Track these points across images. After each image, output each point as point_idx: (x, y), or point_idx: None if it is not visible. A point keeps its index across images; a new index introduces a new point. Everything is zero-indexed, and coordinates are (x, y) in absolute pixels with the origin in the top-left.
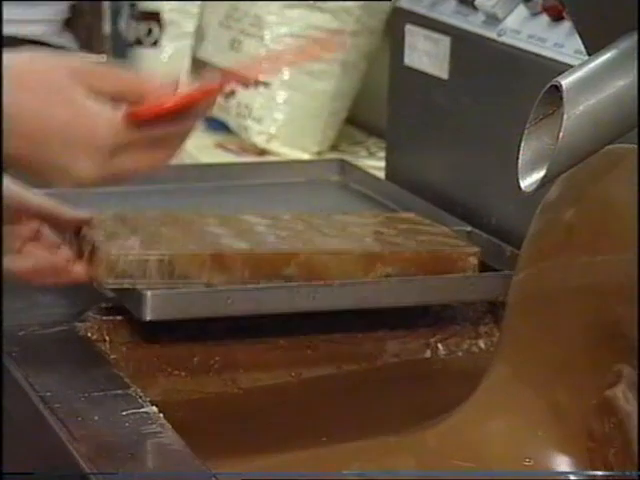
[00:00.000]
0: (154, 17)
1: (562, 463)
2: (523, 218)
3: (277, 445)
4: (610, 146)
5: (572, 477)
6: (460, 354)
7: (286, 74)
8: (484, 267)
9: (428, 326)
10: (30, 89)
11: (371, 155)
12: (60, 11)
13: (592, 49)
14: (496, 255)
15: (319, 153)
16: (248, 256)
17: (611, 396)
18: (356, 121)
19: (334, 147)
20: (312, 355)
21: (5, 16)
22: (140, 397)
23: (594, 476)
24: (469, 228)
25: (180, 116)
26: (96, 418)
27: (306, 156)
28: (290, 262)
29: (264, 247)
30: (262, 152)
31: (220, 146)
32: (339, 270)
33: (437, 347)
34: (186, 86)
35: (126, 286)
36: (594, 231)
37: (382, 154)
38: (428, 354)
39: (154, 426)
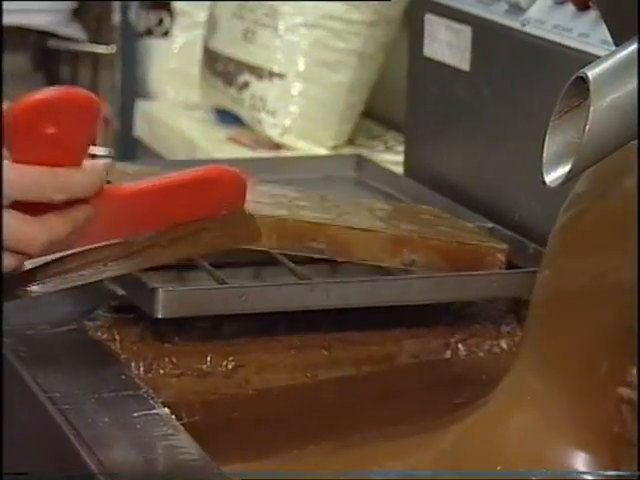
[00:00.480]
0: (165, 7)
1: (583, 463)
2: (547, 214)
3: (292, 447)
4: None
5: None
6: (481, 354)
7: (301, 65)
8: (508, 264)
9: (448, 325)
10: None
11: (388, 149)
12: (69, 1)
13: (619, 39)
14: (519, 252)
15: (335, 147)
16: (277, 222)
17: (632, 396)
18: (373, 114)
19: (350, 141)
20: (328, 355)
21: (13, 6)
22: (151, 398)
23: (605, 476)
24: (491, 225)
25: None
26: (106, 420)
27: (321, 150)
28: (319, 234)
29: (294, 216)
30: (276, 146)
31: (233, 140)
32: (366, 249)
33: (457, 347)
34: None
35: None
36: (621, 228)
37: (400, 148)
38: (448, 354)
39: (166, 428)
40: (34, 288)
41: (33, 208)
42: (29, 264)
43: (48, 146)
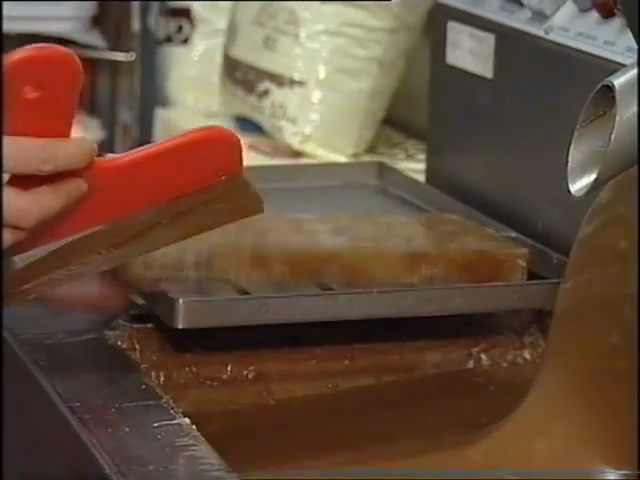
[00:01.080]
0: (185, 13)
1: (611, 475)
2: (571, 224)
3: (313, 458)
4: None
5: None
6: (504, 365)
7: (322, 73)
8: (530, 275)
9: (471, 335)
10: None
11: (409, 157)
12: (88, 8)
13: None
14: (543, 262)
15: (355, 155)
16: (288, 257)
17: None
18: (394, 122)
19: (371, 149)
20: (349, 365)
21: (31, 13)
22: (172, 408)
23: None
24: (514, 234)
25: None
26: (127, 430)
27: (342, 158)
28: (332, 263)
29: (305, 248)
30: (296, 154)
31: (253, 148)
32: (383, 271)
33: (480, 357)
34: None
35: (163, 288)
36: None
37: (421, 156)
38: (471, 365)
39: (187, 438)
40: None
41: (25, 182)
42: (22, 261)
43: (32, 113)
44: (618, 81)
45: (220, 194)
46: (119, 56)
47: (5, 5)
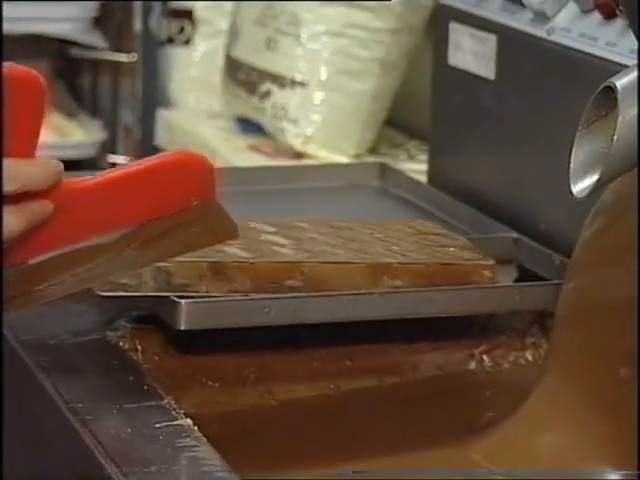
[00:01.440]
0: (187, 15)
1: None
2: (573, 225)
3: (315, 459)
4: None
5: None
6: (506, 366)
7: (323, 74)
8: (532, 276)
9: (473, 337)
10: None
11: (411, 158)
12: (90, 9)
13: None
14: (545, 263)
15: (357, 156)
16: (249, 267)
17: None
18: (396, 123)
19: (373, 150)
20: (351, 367)
21: (33, 14)
22: (174, 409)
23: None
24: (516, 235)
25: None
26: (129, 431)
27: (344, 159)
28: (294, 273)
29: (266, 257)
30: (298, 155)
31: (254, 149)
32: (345, 282)
33: (482, 359)
34: None
35: (120, 294)
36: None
37: (423, 157)
38: (473, 366)
39: (188, 439)
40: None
41: None
42: None
43: None
44: (620, 82)
45: (192, 219)
46: (121, 57)
47: (7, 6)
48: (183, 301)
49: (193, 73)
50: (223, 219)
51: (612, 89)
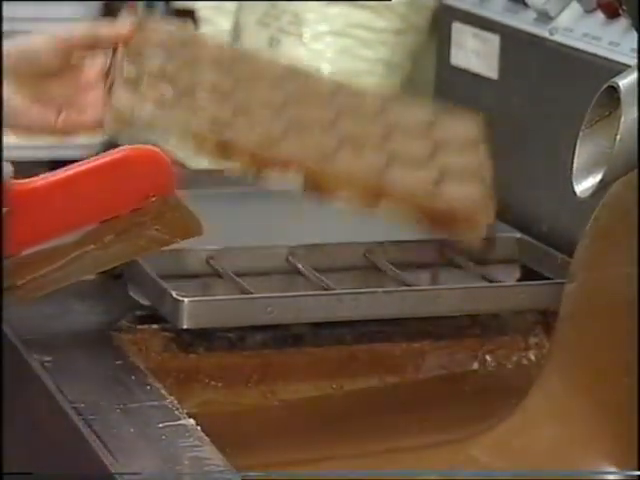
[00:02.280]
0: (189, 15)
1: (611, 476)
2: (576, 225)
3: (318, 458)
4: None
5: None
6: (509, 366)
7: (326, 72)
8: (535, 276)
9: (476, 337)
10: None
11: None
12: (92, 9)
13: None
14: (547, 263)
15: None
16: (254, 154)
17: None
18: None
19: None
20: (354, 366)
21: (36, 14)
22: (177, 409)
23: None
24: (519, 235)
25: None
26: (132, 430)
27: None
28: (292, 169)
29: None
30: None
31: None
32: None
33: (485, 359)
34: None
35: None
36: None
37: None
38: (476, 366)
39: (191, 439)
40: None
41: None
42: None
43: None
44: (623, 82)
45: (153, 216)
46: None
47: (9, 6)
48: (186, 300)
49: None
50: (185, 215)
51: (615, 89)
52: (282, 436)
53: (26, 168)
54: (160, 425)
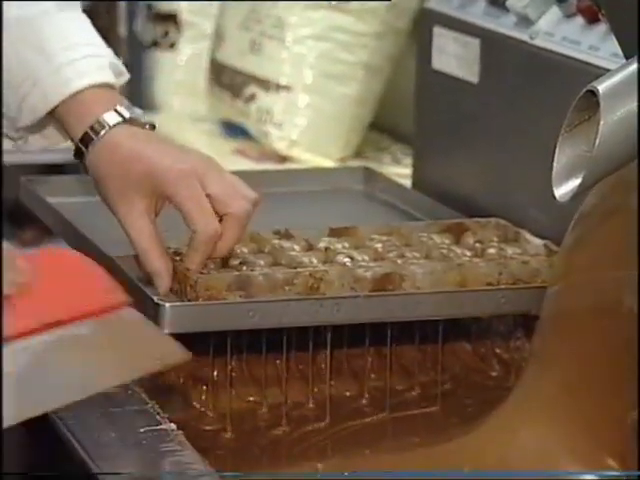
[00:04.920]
0: (171, 18)
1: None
2: (557, 228)
3: (301, 462)
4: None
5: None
6: (491, 368)
7: (308, 77)
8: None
9: (456, 340)
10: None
11: (396, 162)
12: None
13: (629, 52)
14: None
15: (342, 159)
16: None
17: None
18: (381, 126)
19: (358, 153)
20: (336, 369)
21: None
22: (158, 413)
23: (605, 476)
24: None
25: None
26: (113, 435)
27: (329, 163)
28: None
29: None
30: (283, 159)
31: (239, 152)
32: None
33: (468, 360)
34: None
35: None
36: (630, 245)
37: (408, 161)
38: (457, 369)
39: (173, 444)
40: None
41: None
42: None
43: None
44: (602, 86)
45: (104, 336)
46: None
47: None
48: (167, 304)
49: (178, 77)
50: (149, 335)
51: (594, 93)
52: (265, 440)
53: (15, 172)
54: (141, 430)
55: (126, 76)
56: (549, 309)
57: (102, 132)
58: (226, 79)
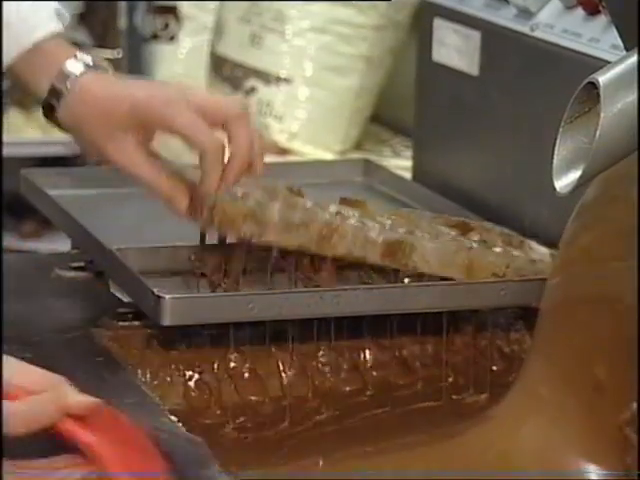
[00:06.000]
0: (171, 11)
1: (594, 472)
2: (558, 220)
3: (300, 455)
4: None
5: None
6: (491, 360)
7: (308, 70)
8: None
9: (457, 332)
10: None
11: (396, 154)
12: (74, 6)
13: (630, 44)
14: None
15: (342, 152)
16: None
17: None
18: (381, 119)
19: (358, 146)
20: (337, 362)
21: None
22: (158, 406)
23: (606, 476)
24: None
25: None
26: None
27: (329, 155)
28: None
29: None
30: (283, 151)
31: None
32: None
33: (467, 353)
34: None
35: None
36: (630, 235)
37: (408, 153)
38: (457, 359)
39: (172, 437)
40: None
41: None
42: None
43: None
44: (603, 78)
45: None
46: (106, 53)
47: None
48: (167, 297)
49: (178, 69)
50: None
51: (595, 85)
52: (266, 432)
53: (15, 164)
54: (142, 422)
55: (66, 16)
56: (549, 301)
57: (69, 82)
58: (226, 72)
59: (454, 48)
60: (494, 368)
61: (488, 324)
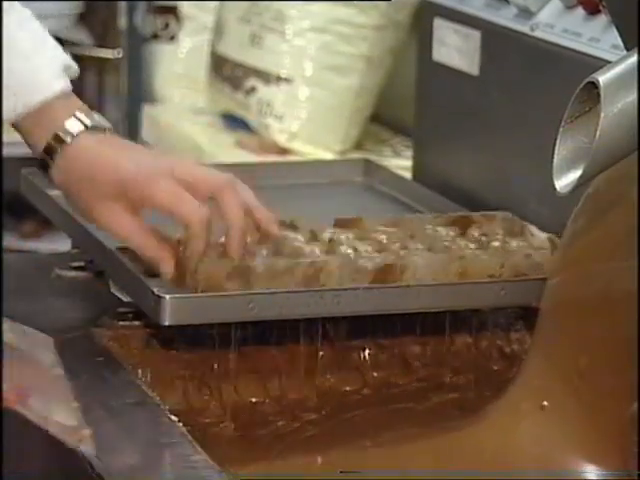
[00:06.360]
0: (171, 11)
1: (593, 470)
2: (558, 220)
3: (299, 453)
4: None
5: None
6: (491, 360)
7: (308, 70)
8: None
9: (457, 332)
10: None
11: (397, 154)
12: (75, 5)
13: (630, 44)
14: None
15: (342, 152)
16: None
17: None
18: (381, 119)
19: (358, 146)
20: (337, 362)
21: None
22: (158, 406)
23: (605, 476)
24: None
25: None
26: (113, 427)
27: (329, 155)
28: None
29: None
30: (283, 151)
31: (240, 145)
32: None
33: (466, 352)
34: None
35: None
36: (631, 235)
37: (408, 153)
38: (458, 359)
39: (173, 436)
40: None
41: None
42: None
43: None
44: (603, 78)
45: None
46: (106, 53)
47: None
48: (167, 296)
49: (178, 69)
50: None
51: (595, 85)
52: (266, 432)
53: (16, 165)
54: (142, 422)
55: (75, 69)
56: (549, 301)
57: (63, 145)
58: (226, 72)
59: (454, 48)
60: (494, 368)
61: (488, 324)
